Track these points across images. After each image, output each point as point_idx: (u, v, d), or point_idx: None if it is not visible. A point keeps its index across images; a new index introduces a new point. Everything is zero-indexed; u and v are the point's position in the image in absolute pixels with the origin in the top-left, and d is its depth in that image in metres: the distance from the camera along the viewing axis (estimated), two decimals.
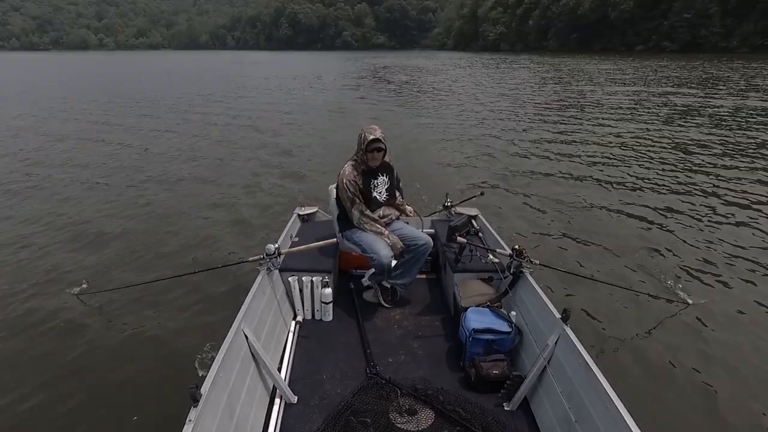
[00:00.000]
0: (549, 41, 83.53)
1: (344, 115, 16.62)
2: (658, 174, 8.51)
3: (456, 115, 15.98)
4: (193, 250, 5.56)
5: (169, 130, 13.65)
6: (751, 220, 6.31)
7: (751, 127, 12.68)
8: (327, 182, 4.02)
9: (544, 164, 9.38)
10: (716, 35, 59.99)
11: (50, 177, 8.73)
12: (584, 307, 4.15)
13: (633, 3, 68.73)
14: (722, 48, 58.13)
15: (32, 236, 5.99)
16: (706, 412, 3.05)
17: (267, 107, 18.81)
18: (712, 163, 9.15)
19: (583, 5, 76.29)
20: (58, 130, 13.73)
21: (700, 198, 7.22)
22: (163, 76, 39.28)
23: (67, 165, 9.65)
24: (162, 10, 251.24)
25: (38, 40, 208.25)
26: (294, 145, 11.51)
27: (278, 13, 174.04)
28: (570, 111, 16.18)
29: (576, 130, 12.86)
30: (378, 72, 40.68)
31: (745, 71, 31.36)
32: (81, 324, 4.06)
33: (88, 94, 24.56)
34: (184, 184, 8.36)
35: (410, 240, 3.47)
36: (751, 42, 55.66)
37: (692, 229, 6.06)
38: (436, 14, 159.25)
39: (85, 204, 7.22)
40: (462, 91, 23.84)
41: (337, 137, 12.27)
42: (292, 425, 2.49)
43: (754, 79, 26.17)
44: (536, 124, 13.81)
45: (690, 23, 62.13)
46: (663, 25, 65.41)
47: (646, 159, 9.61)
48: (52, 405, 3.15)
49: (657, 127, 12.98)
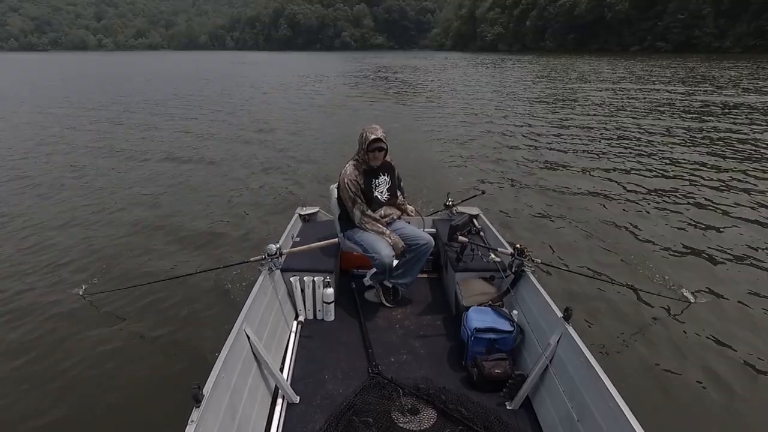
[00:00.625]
0: (546, 42, 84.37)
1: (345, 114, 16.62)
2: (660, 173, 8.50)
3: (456, 114, 15.97)
4: (194, 251, 5.55)
5: (169, 131, 13.63)
6: (753, 220, 6.29)
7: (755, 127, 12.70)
8: (328, 182, 4.02)
9: (545, 163, 9.37)
10: (710, 36, 61.06)
11: (51, 177, 8.72)
12: (586, 306, 4.14)
13: (628, 4, 69.85)
14: (716, 48, 59.29)
15: (34, 236, 5.97)
16: (707, 411, 3.04)
17: (267, 107, 18.81)
18: (716, 164, 9.11)
19: (579, 6, 77.29)
20: (58, 130, 13.71)
21: (702, 197, 7.20)
22: (163, 76, 39.31)
23: (67, 165, 9.62)
24: (161, 10, 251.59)
25: (37, 41, 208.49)
26: (295, 144, 11.51)
27: (277, 14, 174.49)
28: (570, 111, 16.19)
29: (577, 129, 12.86)
30: (378, 72, 40.72)
31: (739, 70, 31.57)
32: (83, 324, 4.05)
33: (87, 94, 24.56)
34: (185, 184, 8.35)
35: (411, 239, 3.47)
36: (744, 42, 56.80)
37: (694, 228, 6.05)
38: (434, 15, 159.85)
39: (86, 204, 7.21)
40: (462, 90, 23.85)
41: (338, 137, 12.26)
42: (294, 425, 2.49)
43: (748, 78, 26.20)
44: (536, 124, 13.79)
45: (684, 24, 63.29)
46: (658, 26, 66.72)
47: (647, 158, 9.59)
48: (53, 404, 3.15)
49: (658, 126, 12.97)
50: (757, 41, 55.17)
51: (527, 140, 11.47)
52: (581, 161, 9.45)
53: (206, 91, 25.40)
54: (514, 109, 16.96)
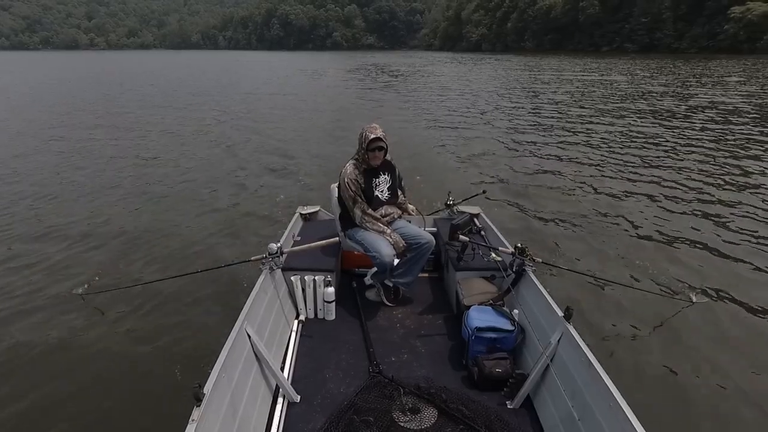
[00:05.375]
0: (526, 42, 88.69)
1: (344, 113, 16.56)
2: (662, 173, 8.53)
3: (456, 114, 15.98)
4: (195, 250, 5.54)
5: (169, 131, 13.57)
6: (755, 219, 6.32)
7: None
8: (329, 181, 4.01)
9: (545, 162, 9.39)
10: (669, 37, 66.18)
11: (51, 177, 8.66)
12: (587, 305, 4.15)
13: (599, 7, 74.07)
14: (675, 48, 64.38)
15: (35, 237, 5.95)
16: (709, 411, 3.05)
17: (266, 107, 18.72)
18: (718, 163, 9.14)
19: (555, 9, 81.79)
20: (57, 130, 13.60)
21: (704, 196, 7.24)
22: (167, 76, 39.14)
23: (67, 165, 9.55)
24: (152, 10, 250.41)
25: (28, 40, 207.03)
26: (296, 144, 11.49)
27: (269, 14, 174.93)
28: (570, 110, 16.25)
29: (576, 128, 12.90)
30: (373, 71, 40.75)
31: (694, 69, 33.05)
32: (84, 323, 4.04)
33: (86, 93, 24.42)
34: (186, 184, 8.32)
35: (412, 239, 3.46)
36: (699, 44, 62.15)
37: (696, 227, 6.07)
38: (423, 16, 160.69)
39: (87, 204, 7.18)
40: (461, 90, 23.87)
41: (339, 136, 12.26)
42: (295, 424, 2.49)
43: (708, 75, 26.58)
44: (537, 124, 13.82)
45: (647, 27, 68.37)
46: (625, 28, 71.68)
47: (648, 158, 9.62)
48: (54, 404, 3.14)
49: (658, 127, 13.02)
50: (709, 42, 60.77)
51: (528, 141, 11.49)
52: (583, 161, 9.46)
53: (204, 92, 25.26)
54: (514, 108, 17.00)
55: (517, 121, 14.29)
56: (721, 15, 58.86)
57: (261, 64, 58.20)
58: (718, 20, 59.56)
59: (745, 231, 5.95)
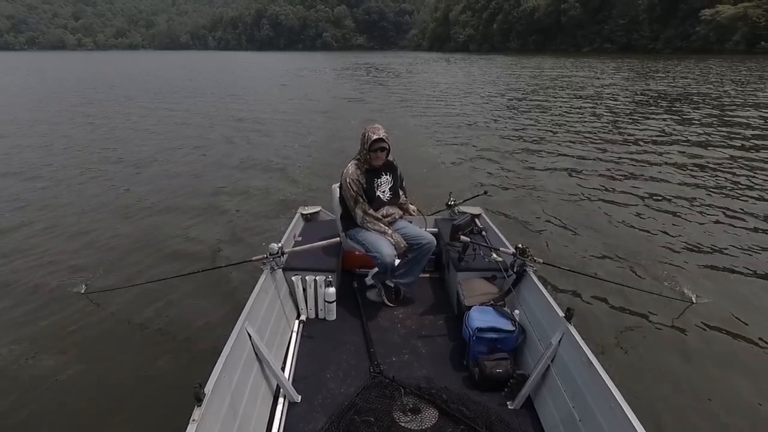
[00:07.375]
0: (511, 42, 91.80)
1: (343, 113, 16.56)
2: (663, 172, 8.58)
3: (456, 114, 16.02)
4: (196, 250, 5.51)
5: (168, 131, 13.50)
6: (756, 219, 6.35)
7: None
8: (330, 181, 4.00)
9: (546, 163, 9.42)
10: (646, 38, 69.12)
11: (51, 178, 8.57)
12: (588, 306, 4.16)
13: (580, 9, 77.09)
14: (650, 49, 66.76)
15: (36, 237, 5.89)
16: (710, 411, 3.05)
17: (265, 107, 18.68)
18: (719, 163, 9.19)
19: (539, 11, 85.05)
20: (57, 130, 13.49)
21: (704, 196, 7.27)
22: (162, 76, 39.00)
23: (67, 166, 9.47)
24: (140, 10, 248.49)
25: (13, 40, 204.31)
26: (296, 144, 11.46)
27: (259, 14, 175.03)
28: (570, 110, 16.32)
29: (576, 128, 12.95)
30: (366, 71, 40.93)
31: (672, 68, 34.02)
32: (84, 323, 4.01)
33: (83, 93, 24.24)
34: (186, 184, 8.28)
35: (413, 239, 3.46)
36: (673, 44, 64.93)
37: (697, 227, 6.10)
38: (412, 16, 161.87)
39: (88, 204, 7.12)
40: (460, 90, 23.96)
41: (339, 136, 12.24)
42: (296, 424, 2.48)
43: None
44: (538, 124, 13.85)
45: (625, 28, 71.60)
46: (604, 30, 74.87)
47: (649, 157, 9.68)
48: (54, 403, 3.11)
49: (659, 127, 13.07)
50: (683, 43, 63.44)
51: (529, 140, 11.54)
52: (584, 162, 9.47)
53: (203, 91, 25.20)
54: (515, 108, 17.07)
55: (517, 121, 14.35)
56: (693, 17, 61.42)
57: (255, 65, 58.45)
58: (690, 22, 62.24)
59: (746, 231, 5.98)
